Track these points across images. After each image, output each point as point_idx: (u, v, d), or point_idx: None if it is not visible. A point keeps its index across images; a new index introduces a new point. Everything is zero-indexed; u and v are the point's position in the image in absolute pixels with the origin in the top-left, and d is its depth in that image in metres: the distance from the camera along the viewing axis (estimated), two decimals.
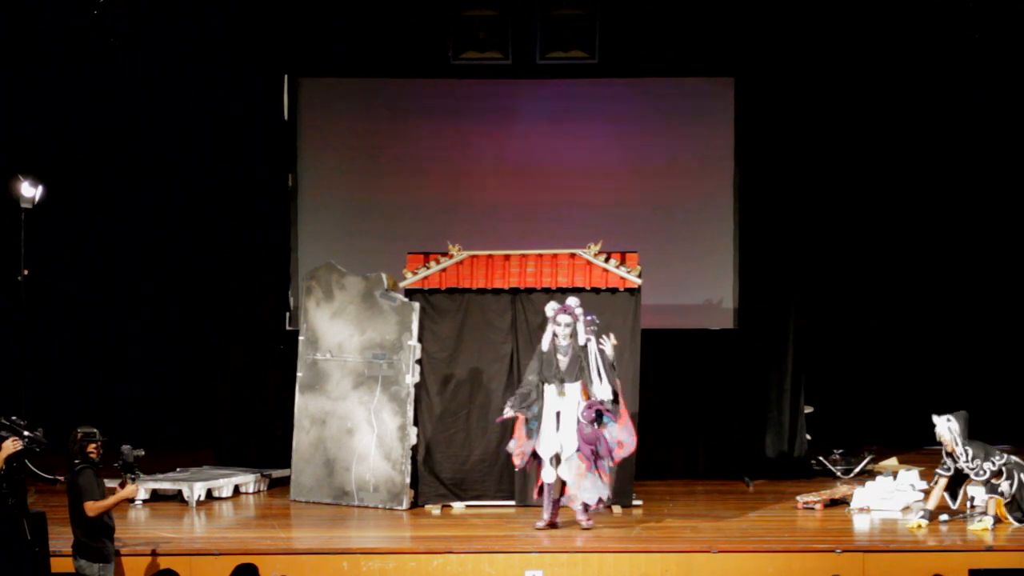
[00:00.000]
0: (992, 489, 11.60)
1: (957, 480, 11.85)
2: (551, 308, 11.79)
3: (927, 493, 12.04)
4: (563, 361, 11.71)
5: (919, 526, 11.51)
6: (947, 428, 11.75)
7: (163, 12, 14.24)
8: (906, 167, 15.55)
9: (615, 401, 11.68)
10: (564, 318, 11.69)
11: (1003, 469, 11.62)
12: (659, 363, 13.77)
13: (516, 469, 12.13)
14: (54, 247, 15.37)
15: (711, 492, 13.40)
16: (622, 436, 11.68)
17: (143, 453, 10.02)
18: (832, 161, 15.16)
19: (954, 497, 11.88)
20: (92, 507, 9.69)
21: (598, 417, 11.61)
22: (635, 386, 12.57)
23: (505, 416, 11.80)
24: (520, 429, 11.78)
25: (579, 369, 11.68)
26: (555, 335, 11.73)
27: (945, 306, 15.71)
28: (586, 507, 11.61)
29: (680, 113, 14.92)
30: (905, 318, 15.72)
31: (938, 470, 11.85)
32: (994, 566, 10.44)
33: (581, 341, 11.69)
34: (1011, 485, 11.62)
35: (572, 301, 11.81)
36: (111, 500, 9.79)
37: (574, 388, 11.68)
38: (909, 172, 15.56)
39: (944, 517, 11.78)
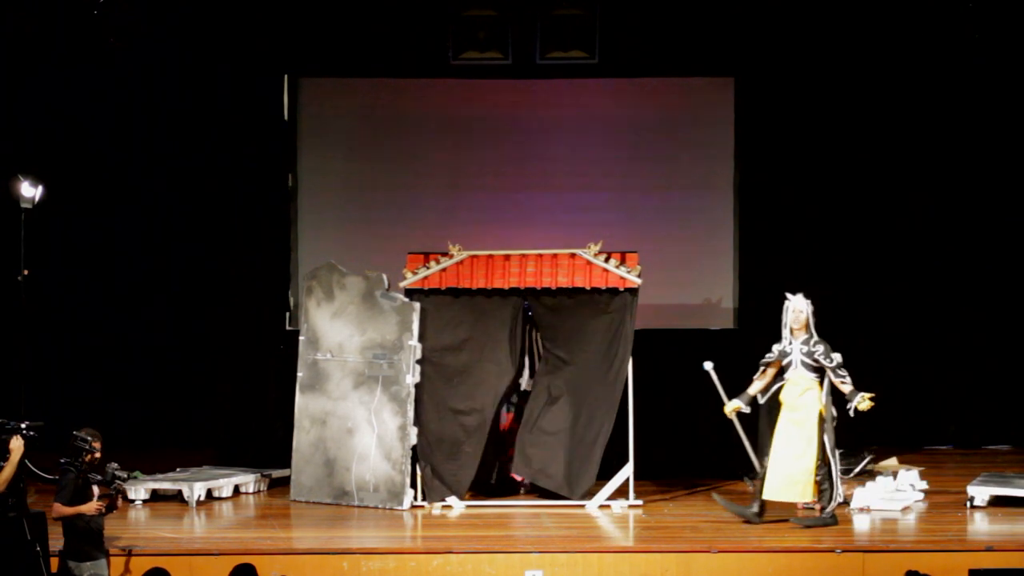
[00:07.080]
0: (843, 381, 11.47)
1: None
2: None
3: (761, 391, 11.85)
4: None
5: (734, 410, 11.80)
6: (806, 305, 11.57)
7: (163, 12, 14.25)
8: (907, 166, 15.53)
9: None
10: None
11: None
12: (659, 363, 13.77)
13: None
14: (54, 247, 15.37)
15: (711, 492, 13.38)
16: None
17: (127, 476, 9.92)
18: (832, 160, 15.16)
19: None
20: (56, 509, 9.67)
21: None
22: (620, 383, 12.54)
23: None
24: None
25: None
26: None
27: (945, 306, 15.68)
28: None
29: (680, 113, 14.94)
30: (905, 317, 15.68)
31: (766, 358, 11.72)
32: (994, 566, 10.43)
33: None
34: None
35: None
36: (73, 509, 9.67)
37: None
38: (910, 172, 15.53)
39: None
